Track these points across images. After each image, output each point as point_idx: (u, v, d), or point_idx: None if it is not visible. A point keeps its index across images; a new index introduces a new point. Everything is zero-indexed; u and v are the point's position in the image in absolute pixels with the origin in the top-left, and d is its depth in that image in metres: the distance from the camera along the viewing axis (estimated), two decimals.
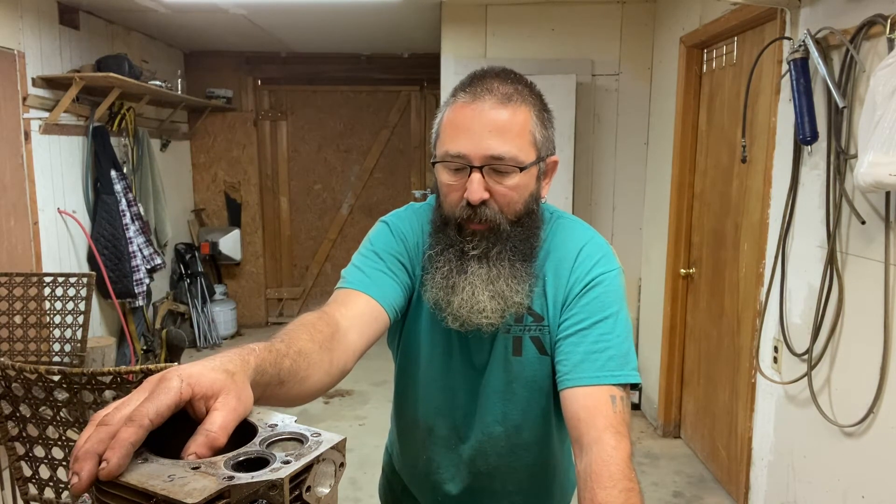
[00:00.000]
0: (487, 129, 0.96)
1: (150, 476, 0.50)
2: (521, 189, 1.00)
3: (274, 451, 0.55)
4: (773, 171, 2.41)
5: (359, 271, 1.05)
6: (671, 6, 3.43)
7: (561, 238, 1.09)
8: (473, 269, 1.01)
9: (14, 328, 2.87)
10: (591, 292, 1.03)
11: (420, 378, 1.16)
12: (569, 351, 1.01)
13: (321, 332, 0.86)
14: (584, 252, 1.06)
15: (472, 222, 1.00)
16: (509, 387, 1.10)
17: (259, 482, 0.49)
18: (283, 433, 0.57)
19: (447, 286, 1.02)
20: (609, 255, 1.07)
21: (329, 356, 0.85)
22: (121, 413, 0.52)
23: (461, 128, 0.98)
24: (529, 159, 0.99)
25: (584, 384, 0.98)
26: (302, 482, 0.52)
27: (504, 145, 0.96)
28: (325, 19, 4.23)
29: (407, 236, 1.11)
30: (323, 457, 0.54)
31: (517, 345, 1.08)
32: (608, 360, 0.98)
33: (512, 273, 1.01)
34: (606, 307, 1.02)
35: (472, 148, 0.96)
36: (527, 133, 0.99)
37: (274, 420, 0.60)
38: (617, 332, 1.01)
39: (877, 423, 1.82)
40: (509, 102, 0.98)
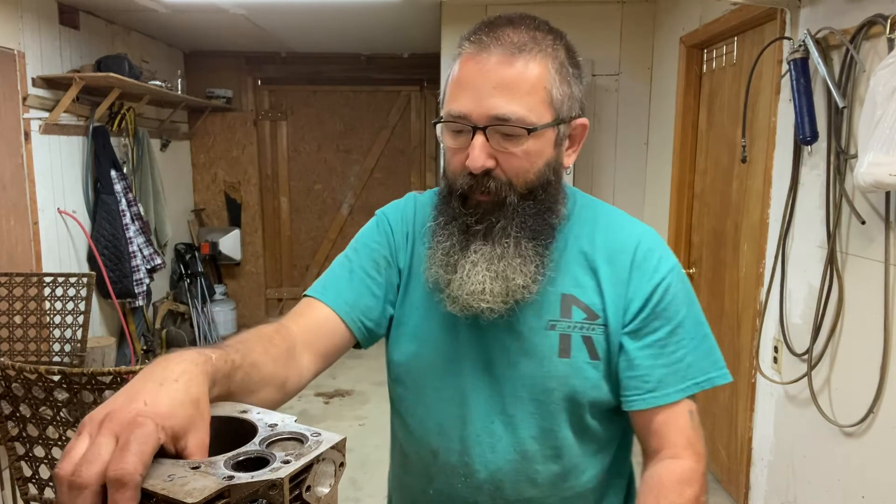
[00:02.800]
0: (492, 86, 0.82)
1: (150, 475, 0.50)
2: (532, 156, 0.85)
3: (274, 450, 0.54)
4: (773, 171, 2.41)
5: (332, 277, 0.98)
6: (671, 6, 3.43)
7: (609, 225, 0.95)
8: (477, 246, 0.88)
9: (14, 328, 2.87)
10: (662, 297, 0.91)
11: (414, 391, 0.99)
12: (649, 366, 0.89)
13: (277, 346, 0.80)
14: (642, 247, 0.92)
15: (476, 193, 0.87)
16: (550, 395, 0.91)
17: (259, 482, 0.49)
18: (283, 433, 0.57)
19: (448, 264, 0.89)
20: (666, 248, 0.95)
21: (284, 373, 0.80)
22: (94, 469, 0.47)
23: (463, 84, 0.85)
24: (542, 120, 0.84)
25: (654, 405, 0.89)
26: (302, 482, 0.52)
27: (510, 104, 0.82)
28: (325, 19, 4.23)
29: (394, 226, 1.01)
30: (323, 456, 0.54)
31: (566, 344, 0.90)
32: (688, 369, 0.89)
33: (517, 252, 0.87)
34: (679, 310, 0.91)
35: (473, 107, 0.83)
36: (540, 90, 0.84)
37: (274, 419, 0.59)
38: (692, 335, 0.91)
39: (877, 423, 1.82)
40: (520, 54, 0.83)
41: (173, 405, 0.54)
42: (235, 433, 0.58)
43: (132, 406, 0.53)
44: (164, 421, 0.52)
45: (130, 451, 0.48)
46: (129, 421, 0.51)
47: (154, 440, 0.50)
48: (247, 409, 0.63)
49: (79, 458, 0.49)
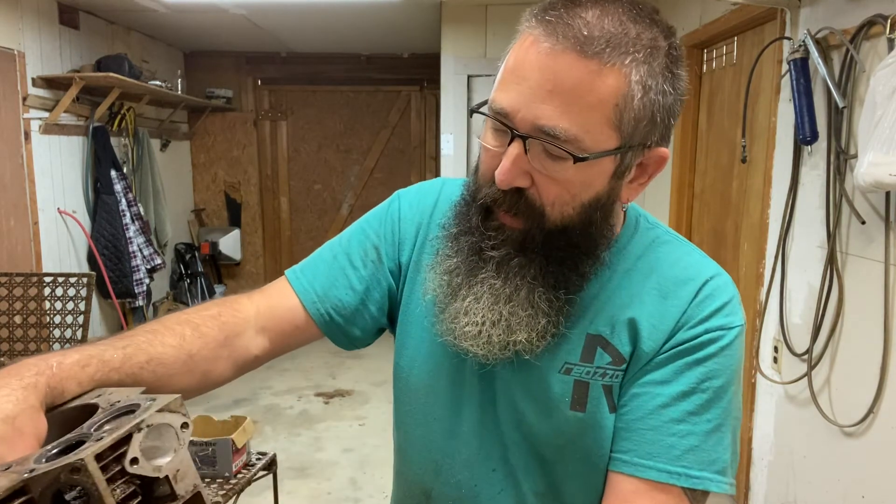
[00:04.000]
0: (547, 88, 0.63)
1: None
2: (575, 186, 0.67)
3: (104, 429, 0.49)
4: (773, 171, 2.41)
5: (316, 259, 0.86)
6: (671, 6, 3.42)
7: (673, 255, 0.76)
8: (486, 275, 0.71)
9: (14, 328, 2.87)
10: (699, 351, 0.70)
11: (412, 415, 0.84)
12: (638, 420, 0.71)
13: (204, 336, 0.72)
14: (709, 287, 0.73)
15: (501, 211, 0.70)
16: (559, 454, 0.75)
17: (57, 468, 0.45)
18: (120, 409, 0.52)
19: (449, 285, 0.74)
20: (737, 303, 0.74)
21: (204, 366, 0.72)
22: None
23: (515, 73, 0.66)
24: (599, 146, 0.65)
25: (647, 478, 0.69)
26: (123, 455, 0.47)
27: (562, 117, 0.63)
28: (325, 19, 4.23)
29: (405, 212, 0.86)
30: (147, 423, 0.48)
31: (581, 394, 0.73)
32: (686, 452, 0.69)
33: (528, 300, 0.70)
34: (712, 377, 0.70)
35: (518, 106, 0.64)
36: (609, 107, 0.63)
37: (118, 398, 0.55)
38: (711, 417, 0.70)
39: (877, 423, 1.82)
40: (596, 56, 0.62)
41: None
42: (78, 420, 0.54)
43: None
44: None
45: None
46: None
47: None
48: (101, 392, 0.58)
49: None
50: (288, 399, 3.98)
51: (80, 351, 0.62)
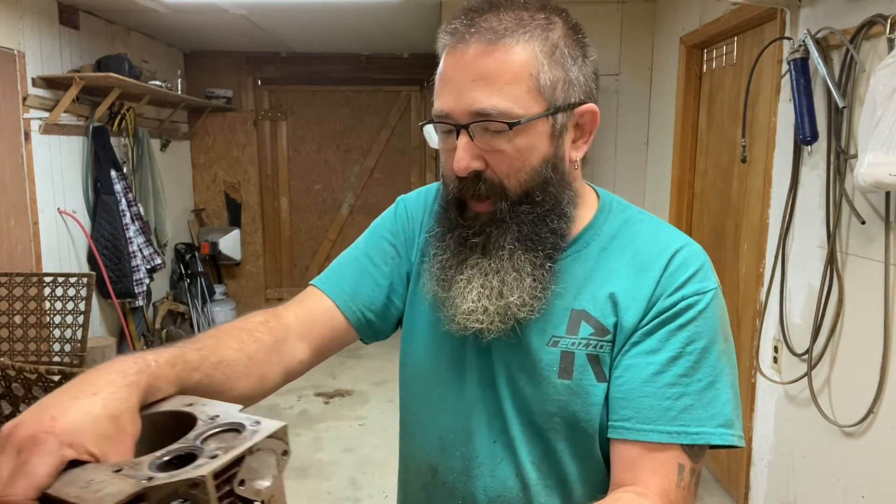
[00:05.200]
0: (470, 79, 0.74)
1: (69, 483, 0.47)
2: (523, 152, 0.76)
3: (210, 444, 0.51)
4: (773, 171, 2.41)
5: (339, 266, 0.93)
6: (671, 6, 3.43)
7: (645, 231, 0.83)
8: (474, 260, 0.80)
9: (14, 328, 2.87)
10: (679, 318, 0.77)
11: (419, 397, 0.91)
12: (634, 389, 0.76)
13: (258, 340, 0.76)
14: (678, 257, 0.79)
15: (470, 199, 0.79)
16: (549, 421, 0.81)
17: (178, 481, 0.46)
18: (222, 424, 0.53)
19: (444, 279, 0.82)
20: (708, 268, 0.80)
21: (262, 369, 0.76)
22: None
23: (443, 79, 0.77)
24: (530, 111, 0.74)
25: (647, 440, 0.74)
26: (233, 476, 0.48)
27: (490, 97, 0.73)
28: (325, 19, 4.23)
29: (411, 213, 0.95)
30: (257, 447, 0.50)
31: (567, 363, 0.79)
32: (682, 412, 0.74)
33: (512, 265, 0.78)
34: (695, 339, 0.76)
35: (454, 104, 0.75)
36: (525, 77, 0.74)
37: (216, 411, 0.55)
38: (702, 375, 0.76)
39: (877, 423, 1.82)
40: (500, 41, 0.74)
41: (85, 420, 0.51)
42: (178, 429, 0.55)
43: (38, 421, 0.50)
44: (72, 437, 0.49)
45: (23, 473, 0.47)
46: (30, 437, 0.49)
47: (54, 459, 0.48)
48: (194, 401, 0.59)
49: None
50: (288, 399, 3.98)
51: (167, 351, 0.63)
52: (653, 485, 0.73)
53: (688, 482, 0.75)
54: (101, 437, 0.51)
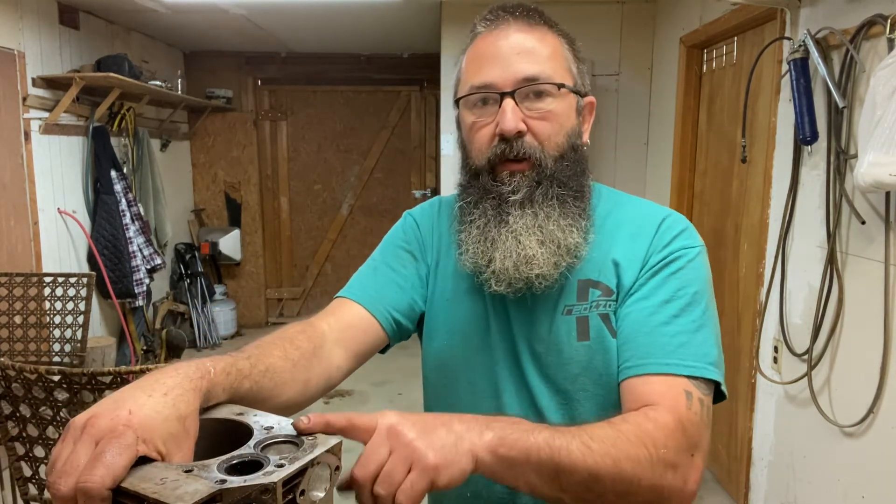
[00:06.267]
0: (516, 52, 0.84)
1: (142, 479, 0.49)
2: (561, 117, 0.86)
3: (269, 454, 0.54)
4: (773, 171, 2.41)
5: (359, 277, 0.97)
6: (671, 6, 3.43)
7: (635, 208, 0.94)
8: (515, 216, 0.85)
9: (14, 328, 2.87)
10: (669, 266, 0.85)
11: (450, 388, 0.97)
12: (631, 329, 0.84)
13: (299, 347, 0.79)
14: (667, 222, 0.89)
15: (510, 161, 0.85)
16: (575, 383, 0.88)
17: (252, 486, 0.49)
18: (278, 436, 0.56)
19: (486, 240, 0.86)
20: (693, 231, 0.90)
21: (305, 375, 0.78)
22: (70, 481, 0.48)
23: (485, 56, 0.86)
24: (567, 83, 0.87)
25: (650, 372, 0.80)
26: (296, 486, 0.52)
27: (537, 65, 0.84)
28: (325, 19, 4.23)
29: (420, 222, 1.01)
30: (318, 460, 0.54)
31: (583, 327, 0.87)
32: (679, 348, 0.80)
33: (563, 213, 0.86)
34: (685, 286, 0.84)
35: (499, 74, 0.84)
36: (560, 57, 0.87)
37: (270, 422, 0.59)
38: (693, 317, 0.82)
39: (877, 423, 1.82)
40: (535, 26, 0.87)
41: (158, 419, 0.53)
42: (231, 436, 0.58)
43: (116, 413, 0.52)
44: (146, 433, 0.52)
45: (102, 463, 0.48)
46: (109, 428, 0.51)
47: (131, 452, 0.50)
48: (244, 411, 0.62)
49: (60, 467, 0.50)
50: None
51: (222, 359, 0.66)
52: (663, 406, 0.76)
53: (698, 410, 0.76)
54: (170, 436, 0.53)
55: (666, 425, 0.73)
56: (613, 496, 0.69)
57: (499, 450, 0.65)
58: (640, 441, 0.70)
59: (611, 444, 0.68)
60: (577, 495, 0.68)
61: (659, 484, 0.70)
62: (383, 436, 0.62)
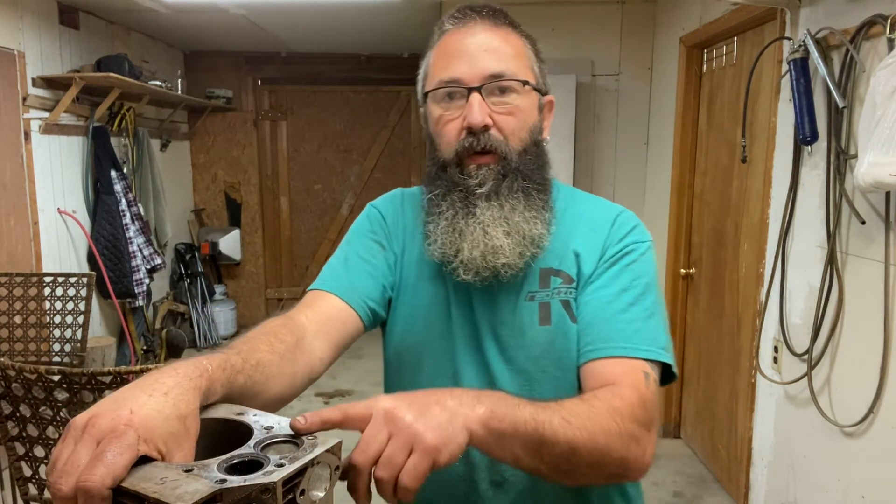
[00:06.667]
0: (482, 50, 0.89)
1: (142, 478, 0.49)
2: (525, 113, 0.91)
3: (268, 453, 0.54)
4: (773, 171, 2.41)
5: (330, 269, 0.99)
6: (671, 6, 3.43)
7: (592, 204, 1.00)
8: (482, 208, 0.89)
9: (14, 328, 2.87)
10: (624, 258, 0.92)
11: (415, 373, 0.99)
12: (591, 316, 0.89)
13: (283, 341, 0.80)
14: (621, 218, 0.96)
15: (476, 154, 0.89)
16: (536, 364, 0.92)
17: (251, 485, 0.49)
18: (278, 435, 0.57)
19: (453, 232, 0.90)
20: (643, 227, 0.98)
21: (292, 368, 0.80)
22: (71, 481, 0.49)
23: (453, 53, 0.90)
24: (531, 81, 0.92)
25: (611, 355, 0.85)
26: (296, 486, 0.52)
27: (502, 62, 0.89)
28: (325, 19, 4.23)
29: (386, 214, 1.04)
30: (318, 460, 0.54)
31: (545, 312, 0.92)
32: (635, 333, 0.86)
33: (528, 205, 0.90)
34: (639, 277, 0.91)
35: (467, 69, 0.88)
36: (524, 57, 0.92)
37: (270, 422, 0.59)
38: (646, 306, 0.89)
39: (877, 423, 1.82)
40: (500, 26, 0.92)
41: (158, 418, 0.53)
42: (231, 436, 0.58)
43: (117, 413, 0.52)
44: (147, 433, 0.52)
45: (103, 462, 0.48)
46: (110, 428, 0.51)
47: (132, 451, 0.50)
48: (243, 410, 0.62)
49: (61, 466, 0.50)
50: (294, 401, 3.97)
51: (216, 356, 0.66)
52: (625, 384, 0.81)
53: (654, 389, 0.84)
54: (171, 435, 0.54)
55: (630, 402, 0.78)
56: (586, 467, 0.74)
57: (490, 423, 0.67)
58: (610, 416, 0.75)
59: (586, 418, 0.73)
60: (555, 466, 0.72)
61: (625, 455, 0.76)
62: (380, 421, 0.63)
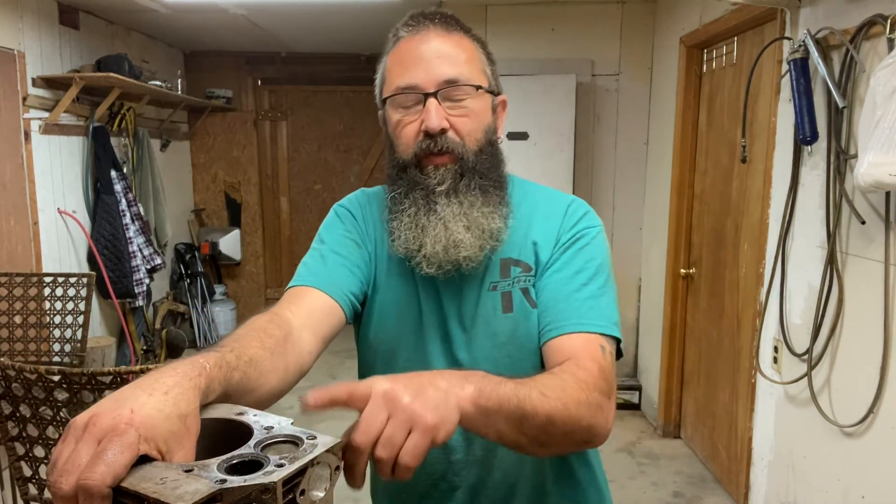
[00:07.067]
0: (436, 56, 0.93)
1: (142, 478, 0.49)
2: (479, 115, 0.96)
3: (269, 453, 0.54)
4: (773, 171, 2.41)
5: (307, 266, 1.00)
6: (671, 6, 3.43)
7: (545, 195, 1.06)
8: (443, 205, 0.94)
9: (14, 328, 2.87)
10: (577, 243, 0.98)
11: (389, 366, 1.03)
12: (550, 298, 0.95)
13: (272, 336, 0.81)
14: (572, 207, 1.02)
15: (434, 155, 0.94)
16: (501, 350, 0.99)
17: (251, 486, 0.49)
18: (278, 436, 0.57)
19: (416, 227, 0.95)
20: (594, 213, 1.04)
21: (283, 362, 0.81)
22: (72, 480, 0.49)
23: (408, 60, 0.94)
24: (483, 84, 0.97)
25: (569, 331, 0.91)
26: (296, 486, 0.52)
27: (456, 68, 0.93)
28: (325, 19, 4.23)
29: (355, 213, 1.07)
30: (318, 460, 0.54)
31: (507, 300, 0.98)
32: (590, 310, 0.92)
33: (485, 201, 0.96)
34: (591, 259, 0.97)
35: (423, 76, 0.92)
36: (476, 61, 0.97)
37: (270, 422, 0.59)
38: (598, 286, 0.95)
39: (877, 423, 1.82)
40: (453, 32, 0.96)
41: (159, 417, 0.53)
42: (231, 436, 0.57)
43: (118, 412, 0.52)
44: (148, 432, 0.52)
45: (103, 461, 0.48)
46: (111, 427, 0.51)
47: (132, 451, 0.50)
48: (243, 410, 0.62)
49: (62, 465, 0.50)
50: (288, 398, 3.94)
51: (211, 354, 0.67)
52: (584, 357, 0.87)
53: (610, 361, 0.90)
54: (171, 434, 0.54)
55: (592, 373, 0.84)
56: (560, 436, 0.79)
57: (479, 401, 0.70)
58: (578, 387, 0.80)
59: (560, 389, 0.78)
60: (534, 438, 0.77)
61: (592, 423, 0.81)
62: (379, 402, 0.64)
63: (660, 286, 3.52)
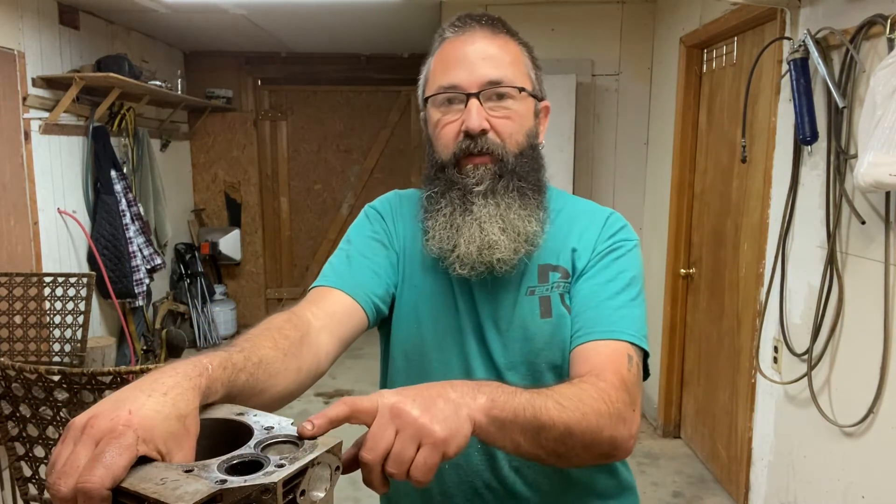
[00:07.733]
0: (481, 57, 0.93)
1: (142, 479, 0.49)
2: (521, 117, 0.95)
3: (269, 454, 0.54)
4: (773, 171, 2.41)
5: (332, 266, 1.00)
6: (671, 6, 3.43)
7: (585, 206, 1.06)
8: (479, 206, 0.93)
9: (14, 328, 2.87)
10: (612, 253, 0.98)
11: (424, 371, 1.00)
12: (581, 304, 0.95)
13: (287, 337, 0.80)
14: (611, 219, 1.03)
15: (473, 155, 0.94)
16: (540, 356, 0.97)
17: (252, 486, 0.49)
18: (278, 436, 0.57)
19: (451, 227, 0.94)
20: (631, 228, 1.04)
21: (297, 363, 0.79)
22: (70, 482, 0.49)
23: (452, 60, 0.94)
24: (528, 87, 0.96)
25: (598, 338, 0.90)
26: (296, 486, 0.52)
27: (500, 70, 0.93)
28: (325, 19, 4.23)
29: (385, 214, 1.07)
30: (318, 460, 0.54)
31: (546, 305, 0.97)
32: (621, 319, 0.91)
33: (523, 204, 0.95)
34: (625, 270, 0.96)
35: (466, 76, 0.92)
36: (520, 64, 0.97)
37: (270, 422, 0.59)
38: (631, 297, 0.94)
39: (877, 423, 1.82)
40: (499, 34, 0.96)
41: (157, 418, 0.53)
42: (231, 436, 0.57)
43: (116, 413, 0.52)
44: (147, 433, 0.52)
45: (102, 463, 0.48)
46: (109, 429, 0.51)
47: (131, 452, 0.50)
48: (244, 411, 0.62)
49: (60, 467, 0.50)
50: None
51: (217, 355, 0.66)
52: (607, 369, 0.85)
53: (636, 372, 0.88)
54: (170, 435, 0.54)
55: (614, 384, 0.82)
56: (580, 448, 0.77)
57: (492, 411, 0.69)
58: (599, 397, 0.78)
59: (578, 400, 0.76)
60: (552, 450, 0.75)
61: (614, 434, 0.79)
62: (387, 416, 0.63)
63: (660, 286, 3.52)
